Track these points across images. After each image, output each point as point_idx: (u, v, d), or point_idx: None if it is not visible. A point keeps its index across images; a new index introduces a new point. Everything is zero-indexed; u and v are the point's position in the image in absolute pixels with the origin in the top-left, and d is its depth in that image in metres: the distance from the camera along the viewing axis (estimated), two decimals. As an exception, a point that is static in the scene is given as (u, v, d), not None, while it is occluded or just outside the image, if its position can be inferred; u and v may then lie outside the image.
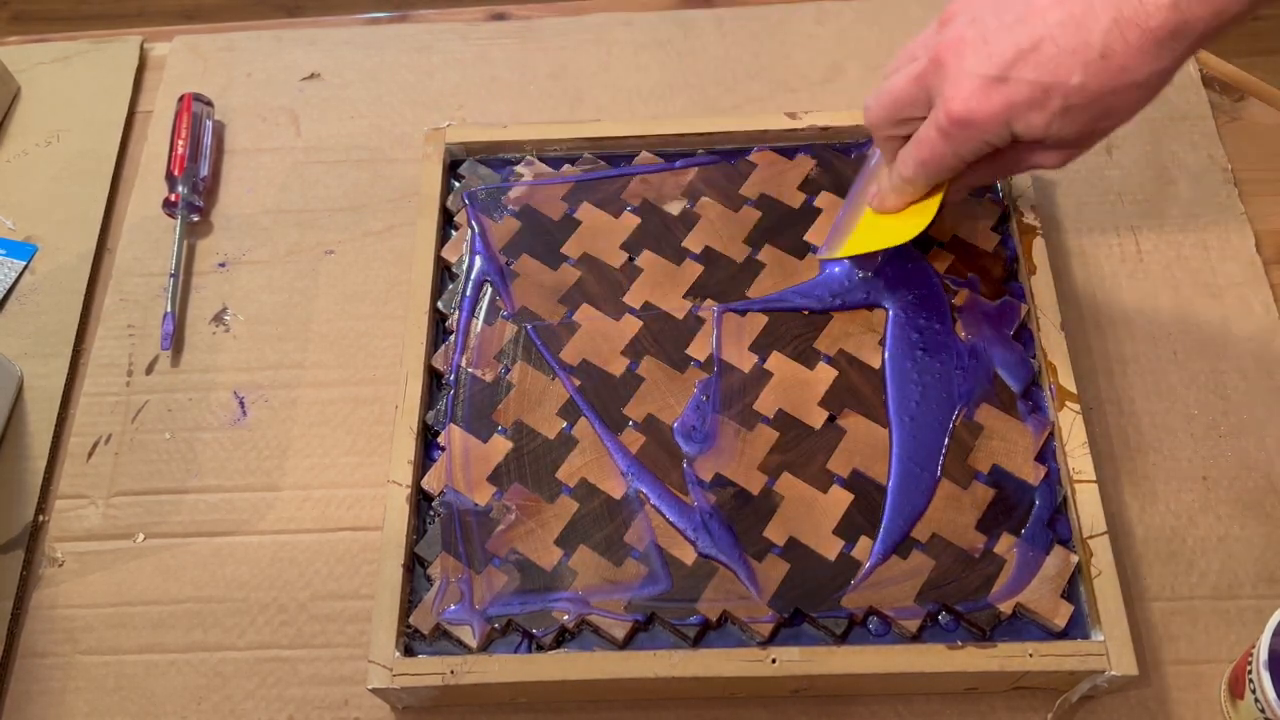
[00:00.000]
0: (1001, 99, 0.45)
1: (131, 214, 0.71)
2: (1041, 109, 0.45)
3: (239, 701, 0.55)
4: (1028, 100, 0.44)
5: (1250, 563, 0.56)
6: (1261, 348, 0.62)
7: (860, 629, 0.52)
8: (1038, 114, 0.45)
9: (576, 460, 0.56)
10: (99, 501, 0.61)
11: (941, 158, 0.49)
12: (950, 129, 0.47)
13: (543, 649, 0.52)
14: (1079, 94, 0.44)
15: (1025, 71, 0.44)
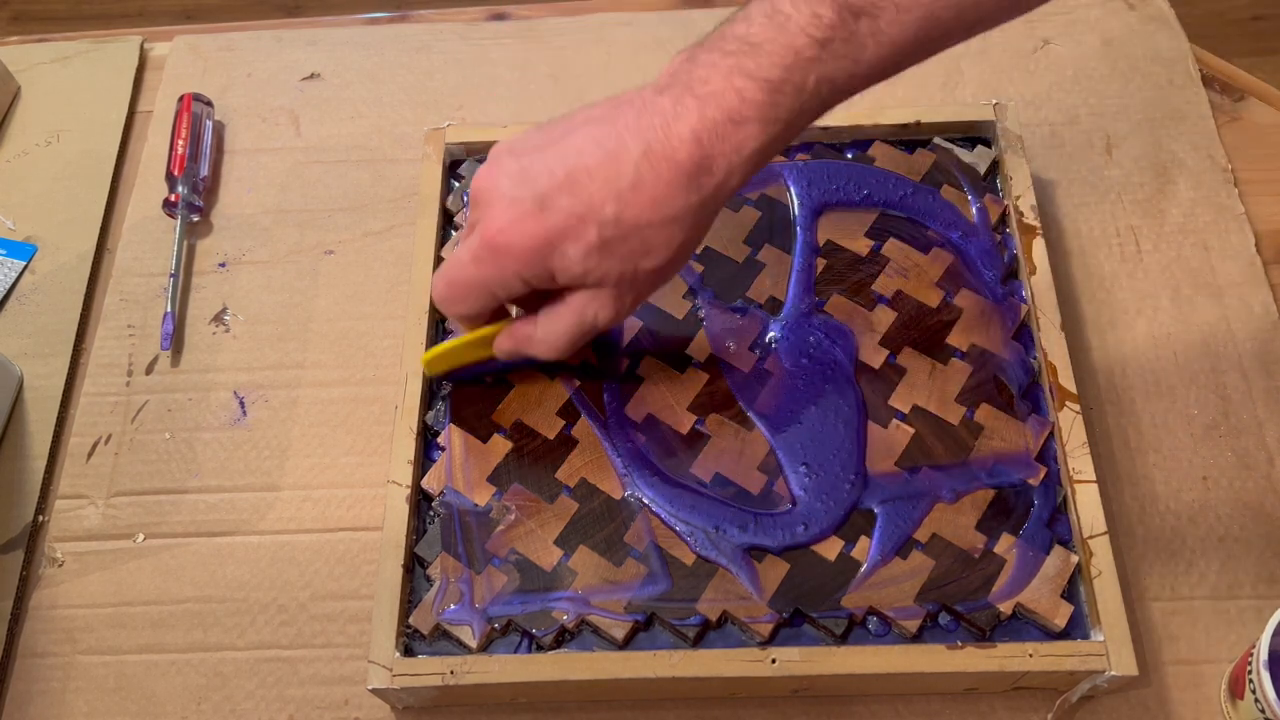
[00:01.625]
0: (537, 226, 0.43)
1: (131, 214, 0.71)
2: (577, 240, 0.43)
3: (239, 701, 0.55)
4: (563, 229, 0.43)
5: (1250, 563, 0.56)
6: (1261, 348, 0.62)
7: (860, 629, 0.52)
8: (574, 245, 0.43)
9: (576, 460, 0.56)
10: (99, 501, 0.61)
11: (471, 284, 0.46)
12: (482, 253, 0.45)
13: (543, 649, 0.52)
14: (614, 225, 0.43)
15: (561, 200, 0.43)
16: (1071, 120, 0.71)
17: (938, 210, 0.63)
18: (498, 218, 0.44)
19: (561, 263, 0.44)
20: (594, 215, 0.43)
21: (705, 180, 0.43)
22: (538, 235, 0.43)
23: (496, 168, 0.45)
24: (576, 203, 0.43)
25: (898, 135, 0.65)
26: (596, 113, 0.45)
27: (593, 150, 0.43)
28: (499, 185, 0.44)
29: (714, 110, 0.42)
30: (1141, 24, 0.75)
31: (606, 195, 0.42)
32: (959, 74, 0.73)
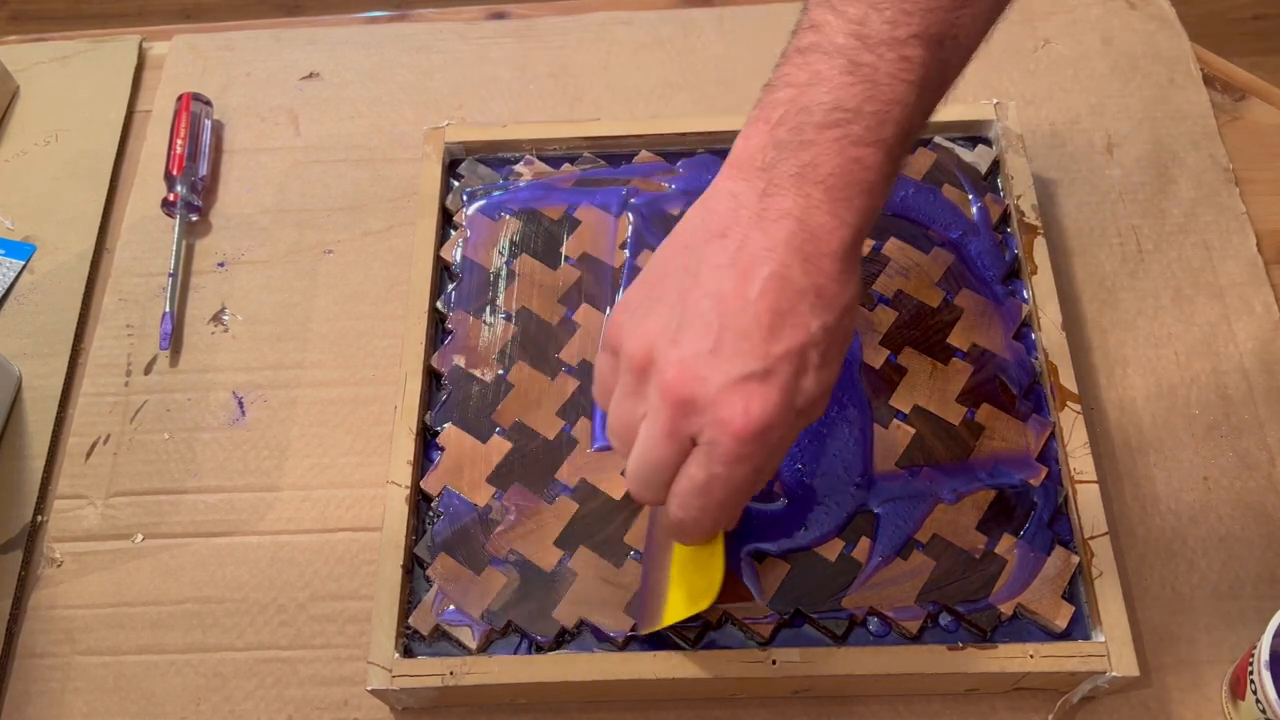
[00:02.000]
0: (777, 388, 0.40)
1: (130, 214, 0.71)
2: (806, 371, 0.41)
3: (238, 702, 0.55)
4: (794, 372, 0.40)
5: (1251, 563, 0.56)
6: (1261, 348, 0.62)
7: (860, 630, 0.52)
8: (807, 378, 0.41)
9: (576, 460, 0.56)
10: (98, 502, 0.61)
11: (743, 485, 0.41)
12: (744, 450, 0.40)
13: (542, 650, 0.52)
14: (825, 337, 0.41)
15: (777, 349, 0.40)
16: (1072, 120, 0.71)
17: (938, 210, 0.62)
18: (737, 409, 0.39)
19: (804, 399, 0.41)
20: (809, 342, 0.40)
21: (857, 251, 0.42)
22: (784, 394, 0.40)
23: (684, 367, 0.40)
24: (790, 342, 0.40)
25: (898, 135, 0.65)
26: (712, 253, 0.41)
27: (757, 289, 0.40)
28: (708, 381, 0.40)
29: (841, 190, 0.40)
30: (1142, 23, 0.75)
31: (805, 318, 0.40)
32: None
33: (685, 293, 0.41)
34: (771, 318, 0.40)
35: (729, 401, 0.39)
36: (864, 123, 0.40)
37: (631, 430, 0.42)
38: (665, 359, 0.41)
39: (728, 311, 0.40)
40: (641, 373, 0.42)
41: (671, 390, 0.40)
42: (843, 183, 0.40)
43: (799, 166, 0.40)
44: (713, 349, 0.40)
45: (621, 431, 0.43)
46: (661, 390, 0.40)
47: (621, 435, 0.43)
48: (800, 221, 0.40)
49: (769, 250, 0.40)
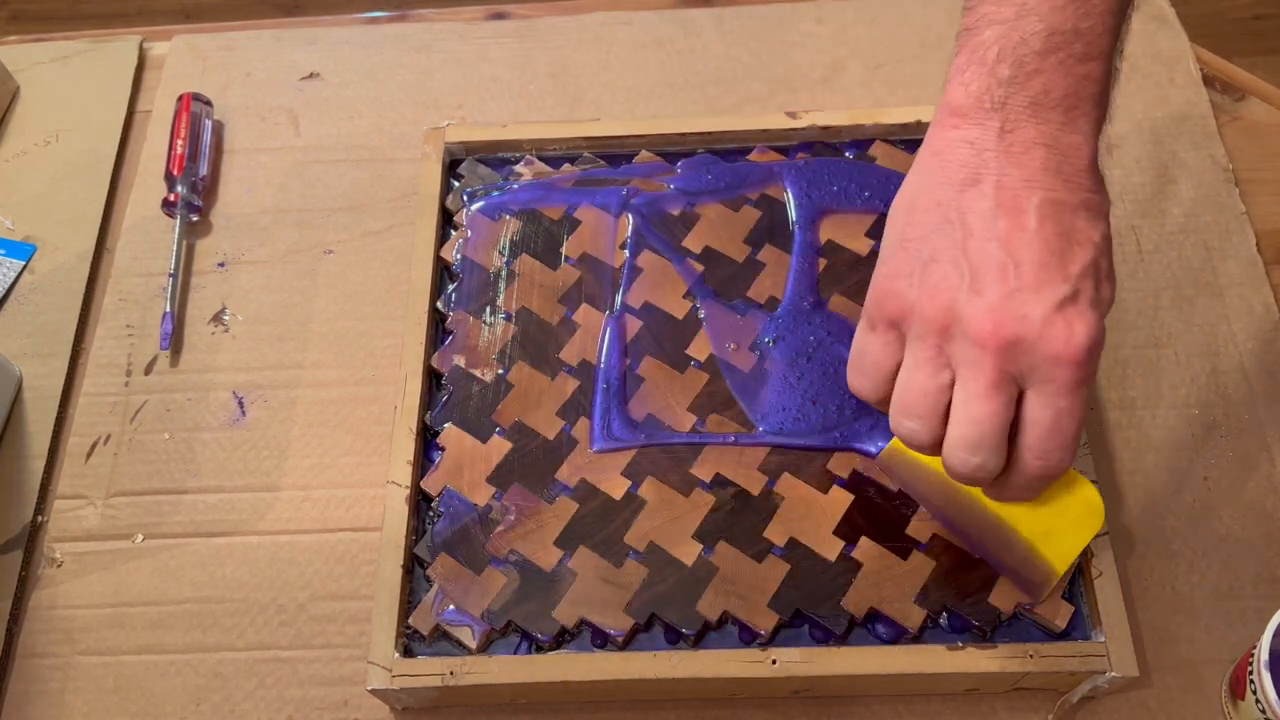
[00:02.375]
0: (1085, 303, 0.40)
1: (131, 214, 0.71)
2: (1102, 280, 0.42)
3: (238, 702, 0.55)
4: (1095, 284, 0.41)
5: (1251, 563, 0.56)
6: (1261, 348, 0.62)
7: (860, 629, 0.52)
8: (1105, 287, 0.42)
9: (576, 460, 0.56)
10: (98, 502, 0.61)
11: (1084, 409, 0.42)
12: (1081, 373, 0.40)
13: (542, 650, 0.52)
14: (1104, 243, 0.42)
15: (1074, 268, 0.41)
16: (1072, 120, 0.71)
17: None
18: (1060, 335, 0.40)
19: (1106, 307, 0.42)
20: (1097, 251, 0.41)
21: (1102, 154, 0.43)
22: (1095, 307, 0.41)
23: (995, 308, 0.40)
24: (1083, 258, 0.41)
25: (898, 135, 0.65)
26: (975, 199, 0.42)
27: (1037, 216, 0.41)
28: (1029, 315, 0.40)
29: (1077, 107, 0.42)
30: (1142, 23, 0.75)
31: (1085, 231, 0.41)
32: (959, 74, 0.73)
33: (961, 244, 0.42)
34: (1060, 242, 0.41)
35: (1053, 332, 0.40)
36: (1083, 40, 0.42)
37: (935, 401, 0.42)
38: (973, 310, 0.41)
39: (1016, 248, 0.41)
40: (944, 333, 0.41)
41: (993, 337, 0.40)
42: (1076, 100, 0.42)
43: (1032, 96, 0.42)
44: (1019, 287, 0.40)
45: (924, 404, 0.42)
46: (979, 341, 0.40)
47: (924, 409, 0.42)
48: (1049, 148, 0.42)
49: (1029, 181, 0.41)
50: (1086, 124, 0.42)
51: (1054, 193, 0.41)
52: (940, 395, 0.42)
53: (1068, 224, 0.41)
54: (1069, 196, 0.41)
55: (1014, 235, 0.41)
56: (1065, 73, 0.42)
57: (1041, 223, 0.41)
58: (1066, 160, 0.42)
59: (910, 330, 0.43)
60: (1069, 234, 0.41)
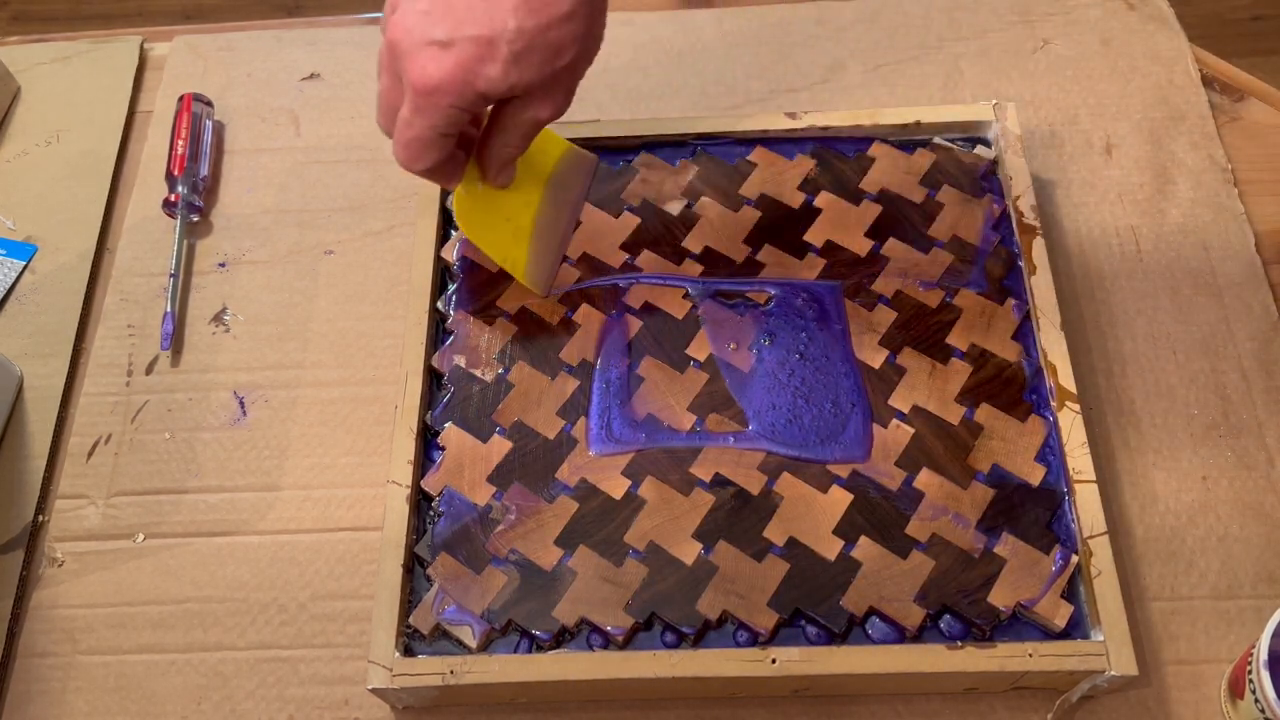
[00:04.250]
0: (453, 60, 0.46)
1: (131, 214, 0.71)
2: (493, 60, 0.46)
3: (239, 701, 0.55)
4: (477, 55, 0.46)
5: (1250, 563, 0.56)
6: (1261, 348, 0.62)
7: (860, 629, 0.52)
8: (492, 66, 0.47)
9: (576, 460, 0.56)
10: (99, 501, 0.61)
11: (424, 134, 0.49)
12: (419, 102, 0.48)
13: (542, 649, 0.52)
14: (520, 38, 0.46)
15: (467, 29, 0.46)
16: (1071, 120, 0.71)
17: (938, 210, 0.63)
18: (418, 64, 0.47)
19: (488, 84, 0.47)
20: (500, 35, 0.46)
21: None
22: (458, 68, 0.46)
23: (404, 16, 0.47)
24: (480, 28, 0.46)
25: (898, 135, 0.65)
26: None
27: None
28: (411, 33, 0.47)
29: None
30: (1141, 24, 0.75)
31: (504, 14, 0.46)
32: (959, 74, 0.73)
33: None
34: (477, 3, 0.46)
35: (415, 56, 0.47)
36: None
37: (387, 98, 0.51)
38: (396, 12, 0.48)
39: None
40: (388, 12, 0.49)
41: (388, 33, 0.48)
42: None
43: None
44: (425, 10, 0.47)
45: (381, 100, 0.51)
46: (386, 32, 0.48)
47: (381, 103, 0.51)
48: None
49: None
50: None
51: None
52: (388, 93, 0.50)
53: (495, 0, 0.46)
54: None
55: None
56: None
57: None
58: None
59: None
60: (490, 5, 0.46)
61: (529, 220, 0.58)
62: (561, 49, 0.48)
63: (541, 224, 0.58)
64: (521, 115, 0.51)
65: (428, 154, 0.50)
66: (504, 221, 0.58)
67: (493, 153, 0.53)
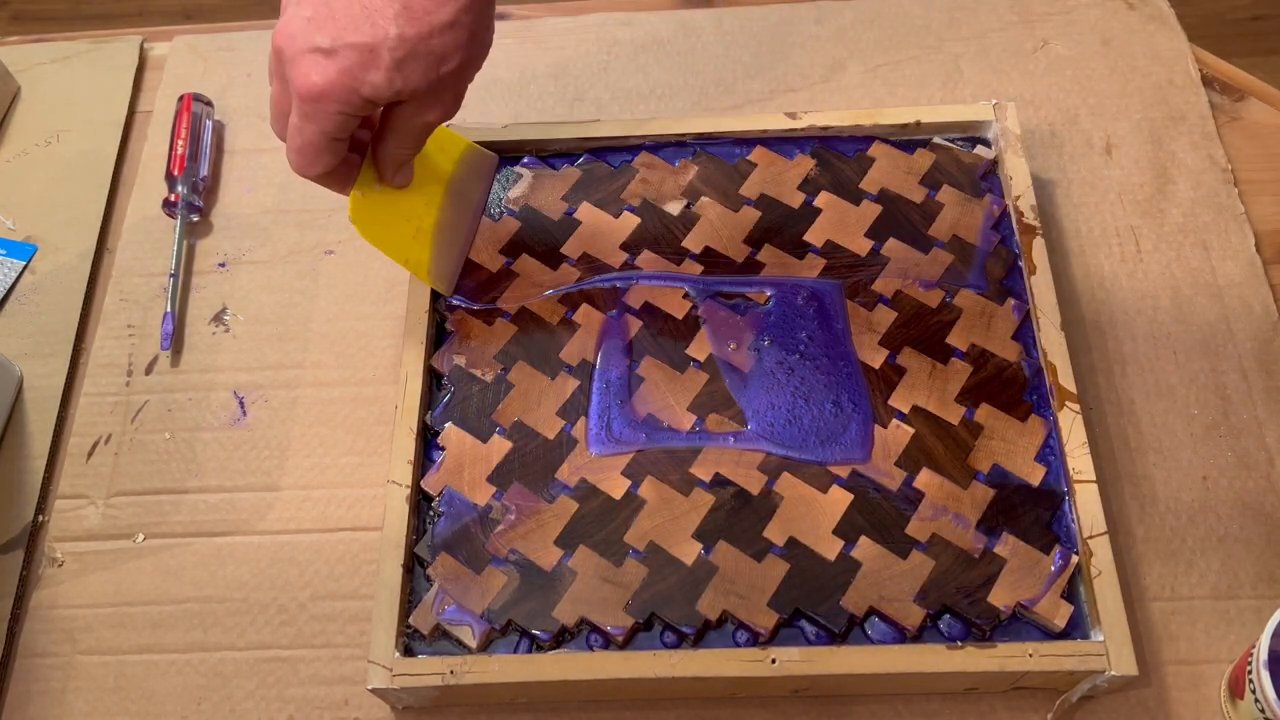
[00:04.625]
0: (336, 67, 0.47)
1: (131, 214, 0.71)
2: (376, 67, 0.47)
3: (239, 701, 0.55)
4: (360, 63, 0.46)
5: (1250, 563, 0.56)
6: (1261, 348, 0.62)
7: (860, 629, 0.52)
8: (375, 73, 0.47)
9: (576, 460, 0.56)
10: (99, 501, 0.61)
11: (313, 140, 0.49)
12: (306, 108, 0.48)
13: (542, 649, 0.52)
14: (402, 45, 0.46)
15: (349, 37, 0.46)
16: (1071, 120, 0.71)
17: (938, 210, 0.63)
18: (302, 71, 0.47)
19: (372, 90, 0.47)
20: (381, 43, 0.46)
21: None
22: (342, 74, 0.47)
23: (288, 23, 0.47)
24: (362, 35, 0.46)
25: (898, 135, 0.65)
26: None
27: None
28: (294, 40, 0.47)
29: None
30: (1141, 24, 0.75)
31: (385, 22, 0.46)
32: (959, 74, 0.73)
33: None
34: (359, 10, 0.47)
35: (299, 62, 0.47)
36: None
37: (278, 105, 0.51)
38: (286, 11, 0.48)
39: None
40: (279, 18, 0.49)
41: (274, 39, 0.48)
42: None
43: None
44: (309, 18, 0.47)
45: (273, 108, 0.51)
46: (272, 39, 0.49)
47: (273, 111, 0.51)
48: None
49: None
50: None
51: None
52: (280, 99, 0.50)
53: (377, 6, 0.46)
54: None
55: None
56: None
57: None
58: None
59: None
60: (372, 12, 0.46)
61: (431, 220, 0.57)
62: (445, 56, 0.48)
63: (444, 223, 0.58)
64: (411, 119, 0.50)
65: (320, 159, 0.50)
66: (404, 222, 0.57)
67: (387, 154, 0.53)
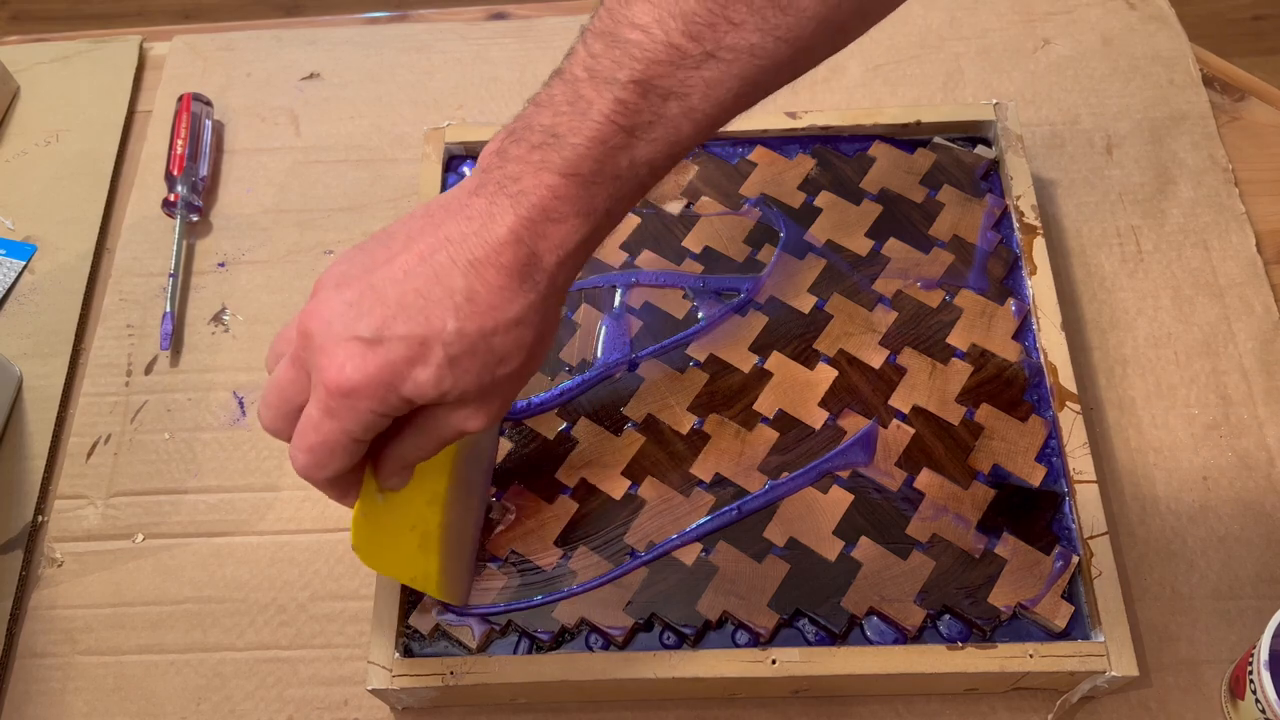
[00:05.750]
0: (379, 360, 0.40)
1: (131, 214, 0.71)
2: (425, 364, 0.41)
3: (239, 702, 0.55)
4: (407, 357, 0.40)
5: (1250, 563, 0.56)
6: (1261, 348, 0.62)
7: (860, 629, 0.52)
8: (423, 370, 0.41)
9: (576, 460, 0.56)
10: (98, 502, 0.61)
11: (333, 439, 0.42)
12: (332, 403, 0.41)
13: (542, 649, 0.52)
14: (459, 341, 0.41)
15: (397, 328, 0.40)
16: (1071, 120, 0.71)
17: (938, 210, 0.63)
18: (336, 361, 0.41)
19: (415, 389, 0.41)
20: (436, 336, 0.41)
21: (538, 277, 0.42)
22: (384, 369, 0.40)
23: (324, 305, 0.41)
24: (414, 326, 0.41)
25: (898, 135, 0.65)
26: (416, 226, 0.43)
27: (419, 269, 0.41)
28: (331, 326, 0.41)
29: (528, 209, 0.41)
30: (1142, 24, 0.75)
31: (443, 313, 0.41)
32: (959, 74, 0.73)
33: (374, 253, 0.42)
34: (413, 298, 0.41)
35: (333, 351, 0.41)
36: (563, 152, 0.40)
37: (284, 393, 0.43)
38: (321, 293, 0.42)
39: (383, 279, 0.41)
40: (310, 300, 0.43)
41: (303, 322, 0.42)
42: (530, 203, 0.41)
43: (504, 178, 0.41)
44: (349, 302, 0.41)
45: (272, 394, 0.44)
46: (299, 321, 0.42)
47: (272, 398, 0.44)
48: (482, 226, 0.41)
49: (447, 241, 0.41)
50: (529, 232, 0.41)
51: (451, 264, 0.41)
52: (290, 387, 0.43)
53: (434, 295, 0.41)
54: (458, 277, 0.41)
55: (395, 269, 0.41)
56: (535, 173, 0.41)
57: (413, 276, 0.41)
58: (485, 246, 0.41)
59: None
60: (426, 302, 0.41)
61: (437, 521, 0.49)
62: (506, 357, 0.42)
63: (451, 520, 0.50)
64: (446, 422, 0.43)
65: (334, 461, 0.42)
66: (408, 531, 0.48)
67: (398, 454, 0.44)
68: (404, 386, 0.41)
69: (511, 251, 0.41)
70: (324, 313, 0.41)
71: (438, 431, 0.44)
